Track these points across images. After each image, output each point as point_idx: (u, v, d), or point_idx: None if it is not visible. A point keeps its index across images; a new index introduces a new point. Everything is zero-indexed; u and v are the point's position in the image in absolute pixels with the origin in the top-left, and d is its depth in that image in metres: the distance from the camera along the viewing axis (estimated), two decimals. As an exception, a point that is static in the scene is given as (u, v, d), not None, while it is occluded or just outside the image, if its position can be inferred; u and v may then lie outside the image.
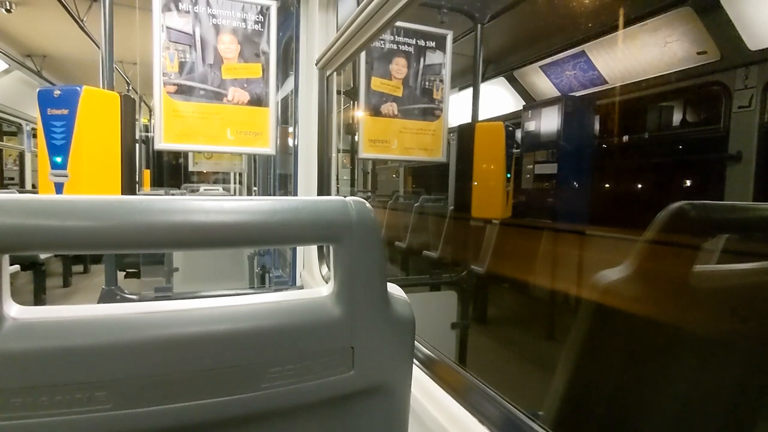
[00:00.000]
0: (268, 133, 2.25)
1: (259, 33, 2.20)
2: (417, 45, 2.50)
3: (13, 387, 0.37)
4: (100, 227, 0.38)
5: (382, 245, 0.51)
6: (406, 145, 2.53)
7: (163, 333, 0.41)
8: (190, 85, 2.11)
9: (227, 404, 0.44)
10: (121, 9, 2.10)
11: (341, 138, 2.72)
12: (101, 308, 0.42)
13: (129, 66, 5.16)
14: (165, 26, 2.06)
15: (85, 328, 0.40)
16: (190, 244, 0.43)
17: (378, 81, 2.44)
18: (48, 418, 0.38)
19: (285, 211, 0.45)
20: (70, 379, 0.39)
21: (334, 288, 0.49)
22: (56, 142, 1.91)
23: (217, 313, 0.44)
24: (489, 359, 3.20)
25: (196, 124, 2.13)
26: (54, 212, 0.37)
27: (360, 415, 0.53)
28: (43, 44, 5.19)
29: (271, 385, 0.45)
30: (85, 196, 0.40)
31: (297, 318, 0.47)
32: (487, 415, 0.88)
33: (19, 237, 0.37)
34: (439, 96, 2.56)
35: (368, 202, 0.51)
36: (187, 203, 0.42)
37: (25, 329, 0.38)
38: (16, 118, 5.71)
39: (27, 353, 0.38)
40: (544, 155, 3.46)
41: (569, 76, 3.70)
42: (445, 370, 1.11)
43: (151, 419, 0.42)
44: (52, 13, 3.82)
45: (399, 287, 0.55)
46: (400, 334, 0.52)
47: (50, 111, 1.90)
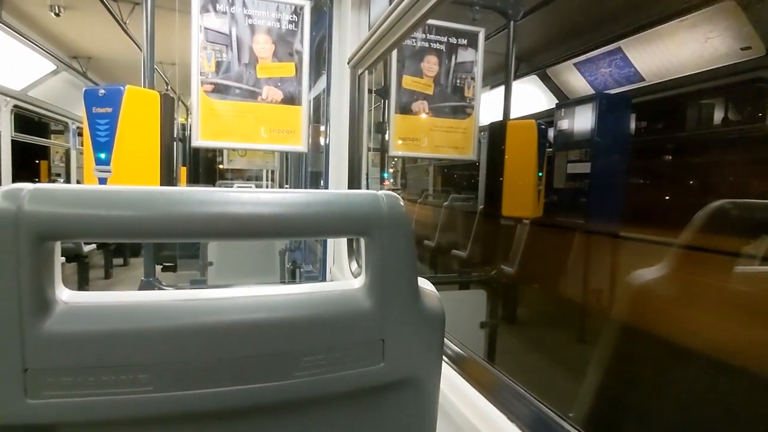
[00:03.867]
0: (301, 131, 2.29)
1: (293, 32, 2.24)
2: (448, 43, 2.49)
3: (64, 366, 0.40)
4: (143, 216, 0.40)
5: (413, 239, 0.51)
6: (436, 143, 2.52)
7: (201, 320, 0.43)
8: (226, 84, 2.17)
9: (261, 391, 0.45)
10: (162, 11, 2.18)
11: (371, 136, 2.73)
12: (143, 295, 0.44)
13: (168, 66, 5.34)
14: (203, 27, 2.12)
15: (128, 313, 0.42)
16: (227, 234, 0.44)
17: (409, 79, 2.45)
18: (95, 397, 0.40)
19: (318, 204, 0.46)
20: (115, 361, 0.41)
21: (365, 280, 0.50)
22: (100, 139, 2.00)
23: (253, 303, 0.46)
24: (518, 359, 3.15)
25: (231, 122, 2.19)
26: (101, 202, 0.40)
27: (389, 408, 0.53)
28: (88, 46, 5.42)
29: (303, 374, 0.46)
30: (129, 187, 0.41)
31: (329, 309, 0.48)
32: (516, 414, 0.88)
33: (69, 225, 0.39)
34: (471, 94, 2.55)
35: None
36: (224, 195, 0.43)
37: (74, 313, 0.41)
38: (63, 117, 5.98)
39: (76, 335, 0.40)
40: (577, 154, 3.38)
41: (604, 74, 3.59)
42: (474, 367, 1.11)
43: (189, 402, 0.43)
44: (97, 16, 3.99)
45: (429, 282, 0.56)
46: (430, 328, 0.52)
47: (95, 109, 2.00)
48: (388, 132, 2.51)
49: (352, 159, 2.08)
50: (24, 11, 4.24)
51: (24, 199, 0.37)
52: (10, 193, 0.38)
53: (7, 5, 3.92)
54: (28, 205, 0.37)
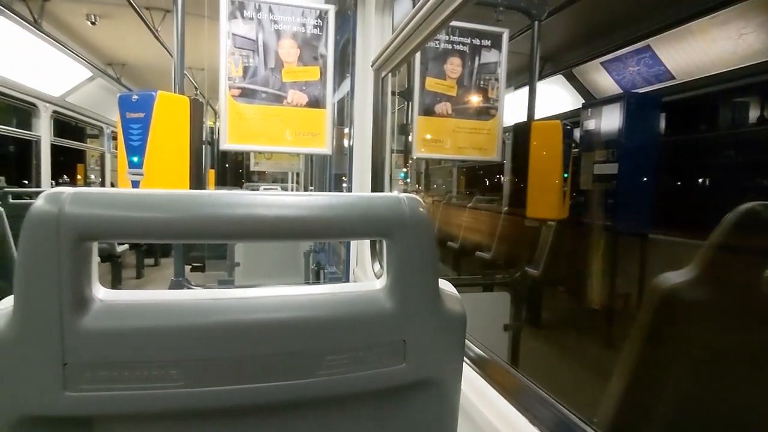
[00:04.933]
0: (325, 133, 2.32)
1: (318, 37, 2.27)
2: (472, 44, 2.48)
3: (100, 361, 0.41)
4: (174, 218, 0.42)
5: (435, 241, 0.51)
6: (459, 145, 2.52)
7: (228, 318, 0.44)
8: (253, 89, 2.22)
9: (286, 388, 0.46)
10: (192, 18, 2.24)
11: (395, 138, 2.74)
12: (174, 294, 0.46)
13: (197, 72, 5.48)
14: (230, 33, 2.18)
15: (160, 311, 0.44)
16: (253, 235, 0.46)
17: (432, 81, 2.45)
18: (129, 391, 0.42)
19: (341, 206, 0.47)
20: (147, 357, 0.42)
21: (387, 282, 0.50)
22: (133, 143, 2.07)
23: (278, 302, 0.47)
24: (542, 363, 3.11)
25: (257, 125, 2.24)
26: (135, 205, 0.41)
27: (410, 408, 0.54)
28: (122, 53, 5.62)
29: (326, 373, 0.47)
30: (162, 190, 0.43)
31: (352, 309, 0.49)
32: (539, 417, 0.87)
33: (105, 227, 0.41)
34: (494, 95, 2.53)
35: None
36: (251, 198, 0.44)
37: (110, 310, 0.43)
38: (98, 122, 6.22)
39: (111, 331, 0.42)
40: (604, 155, 3.31)
41: (632, 72, 3.51)
42: (497, 370, 1.10)
43: (217, 398, 0.45)
44: (130, 24, 4.13)
45: (450, 284, 0.56)
46: (451, 329, 0.52)
47: (129, 114, 2.07)
48: (411, 134, 2.51)
49: (375, 161, 2.10)
50: (63, 20, 4.43)
51: (65, 202, 0.39)
52: (52, 197, 0.40)
53: (47, 15, 4.11)
54: (69, 207, 0.39)
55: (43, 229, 0.39)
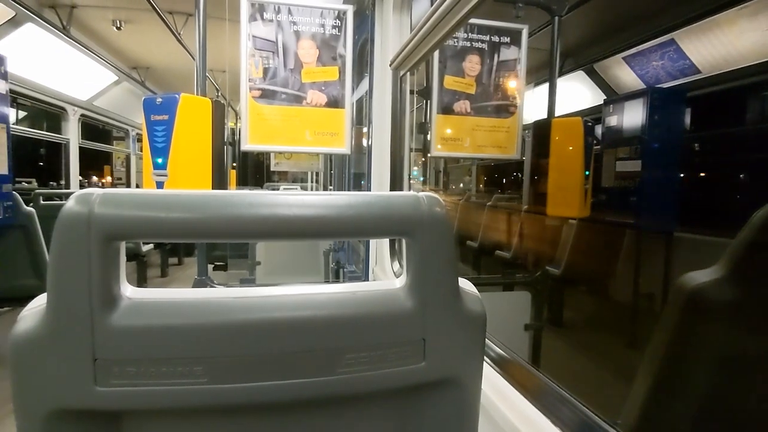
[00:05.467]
0: (344, 133, 2.33)
1: (337, 37, 2.29)
2: (491, 41, 2.46)
3: (128, 357, 0.43)
4: (198, 218, 0.43)
5: (453, 240, 0.51)
6: (478, 143, 2.50)
7: (251, 316, 0.45)
8: (273, 90, 2.24)
9: (307, 386, 0.47)
10: (213, 21, 2.28)
11: (413, 137, 2.74)
12: (198, 292, 0.47)
13: (219, 74, 5.58)
14: (251, 35, 2.21)
15: (185, 309, 0.45)
16: (275, 234, 0.47)
17: (451, 79, 2.44)
18: (155, 387, 0.43)
19: (360, 205, 0.47)
20: (173, 353, 0.43)
21: (406, 281, 0.50)
22: (158, 144, 2.12)
23: (299, 300, 0.48)
24: (563, 363, 3.07)
25: (278, 126, 2.27)
26: (161, 205, 0.42)
27: (430, 406, 0.54)
28: (146, 57, 5.75)
29: (346, 371, 0.48)
30: (186, 191, 0.44)
31: (371, 308, 0.49)
32: (561, 418, 0.86)
33: (133, 226, 0.42)
34: (514, 92, 2.51)
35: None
36: (273, 197, 0.45)
37: (137, 308, 0.44)
38: (124, 125, 6.38)
39: (139, 328, 0.43)
40: (627, 151, 3.24)
41: (656, 67, 3.43)
42: (518, 370, 1.09)
43: (239, 395, 0.45)
44: (154, 28, 4.24)
45: (470, 283, 0.56)
46: (471, 328, 0.52)
47: (153, 117, 2.11)
48: (429, 132, 2.50)
49: (394, 160, 2.10)
50: (89, 26, 4.56)
51: (94, 202, 0.41)
52: (83, 198, 0.41)
53: (75, 22, 4.24)
54: (98, 208, 0.41)
55: (74, 229, 0.40)
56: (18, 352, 0.42)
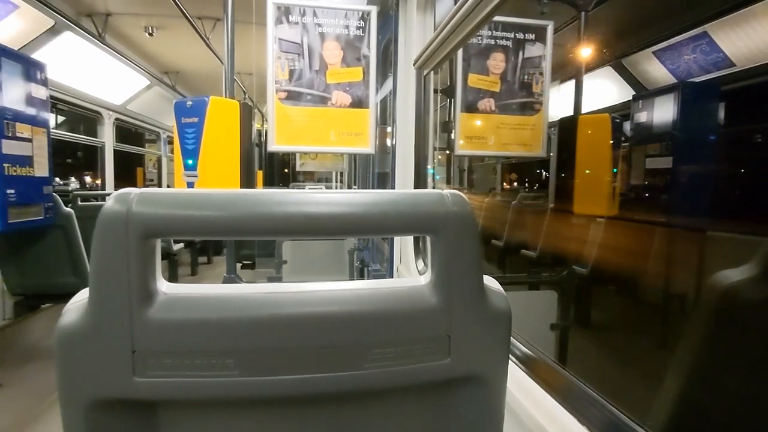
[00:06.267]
0: (368, 133, 2.36)
1: (361, 38, 2.31)
2: (515, 38, 2.44)
3: (164, 350, 0.44)
4: (230, 216, 0.44)
5: (478, 237, 0.52)
6: (503, 141, 2.48)
7: (280, 311, 0.46)
8: (299, 91, 2.28)
9: (334, 380, 0.48)
10: (240, 25, 2.33)
11: (437, 136, 2.74)
12: (229, 288, 0.48)
13: (245, 76, 5.70)
14: (277, 38, 2.25)
15: (217, 304, 0.46)
16: (304, 231, 0.47)
17: (475, 77, 2.43)
18: (189, 378, 0.45)
19: (386, 203, 0.48)
20: (206, 346, 0.45)
21: (431, 278, 0.51)
22: (188, 146, 2.18)
23: (326, 297, 0.49)
24: (591, 363, 3.01)
25: (303, 127, 2.31)
26: (195, 204, 0.44)
27: (456, 403, 0.54)
28: (176, 61, 5.92)
29: (373, 366, 0.48)
30: (218, 190, 0.45)
31: (397, 304, 0.49)
32: (588, 417, 0.85)
33: (168, 224, 0.43)
34: (539, 89, 2.47)
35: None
36: (302, 196, 0.46)
37: (172, 302, 0.45)
38: (155, 128, 6.58)
39: (174, 322, 0.44)
40: (657, 148, 3.15)
41: (688, 61, 3.33)
42: (543, 368, 1.09)
43: (269, 387, 0.47)
44: (184, 34, 4.36)
45: (495, 281, 0.56)
46: (496, 326, 0.52)
47: (184, 119, 2.18)
48: (453, 131, 2.50)
49: (418, 159, 2.11)
50: (123, 33, 4.73)
51: (132, 201, 0.42)
52: (121, 197, 0.43)
53: (110, 29, 4.40)
54: (136, 206, 0.42)
55: (114, 227, 0.42)
56: (62, 344, 0.44)
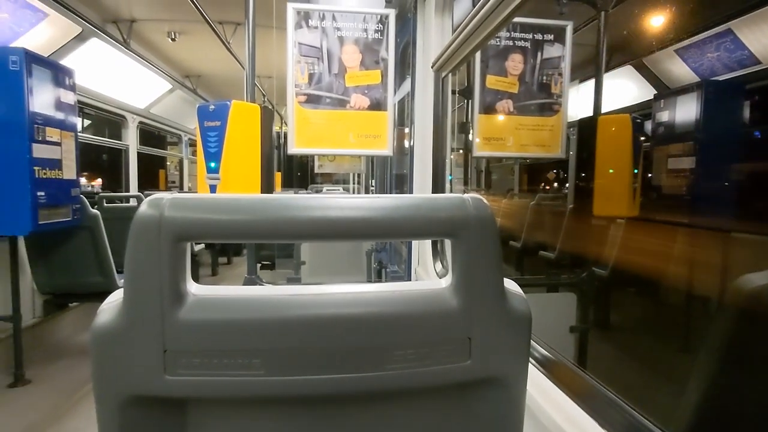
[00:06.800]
0: (387, 135, 2.38)
1: (379, 41, 2.33)
2: (534, 39, 2.43)
3: (194, 349, 0.46)
4: (255, 220, 0.45)
5: (499, 240, 0.52)
6: (522, 142, 2.47)
7: (305, 312, 0.47)
8: (318, 94, 2.32)
9: (357, 380, 0.49)
10: (260, 29, 2.37)
11: (455, 137, 2.74)
12: (255, 289, 0.50)
13: (265, 79, 5.78)
14: (297, 42, 2.29)
15: (244, 305, 0.47)
16: (329, 235, 0.49)
17: (493, 79, 2.42)
18: (217, 377, 0.46)
19: (407, 208, 0.48)
20: (234, 346, 0.46)
21: (452, 280, 0.51)
22: (211, 149, 2.23)
23: (350, 299, 0.50)
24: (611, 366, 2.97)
25: (322, 129, 2.34)
26: (223, 209, 0.45)
27: (476, 404, 0.55)
28: (198, 66, 6.05)
29: (394, 367, 0.49)
30: (245, 195, 0.47)
31: (418, 307, 0.50)
32: (610, 421, 0.85)
33: (198, 228, 0.45)
34: (558, 90, 2.46)
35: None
36: (325, 200, 0.47)
37: (201, 303, 0.47)
38: (177, 131, 6.72)
39: (204, 323, 0.46)
40: (679, 148, 3.09)
41: (711, 59, 3.26)
42: (563, 371, 1.08)
43: (294, 387, 0.48)
44: (205, 38, 4.45)
45: (515, 283, 0.57)
46: (516, 328, 0.53)
47: (206, 123, 2.23)
48: (471, 132, 2.50)
49: (436, 161, 2.11)
50: (147, 39, 4.86)
51: (165, 206, 0.44)
52: (154, 202, 0.44)
53: (134, 34, 4.52)
54: (168, 211, 0.44)
55: (147, 230, 0.44)
56: (97, 343, 0.46)
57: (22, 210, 2.58)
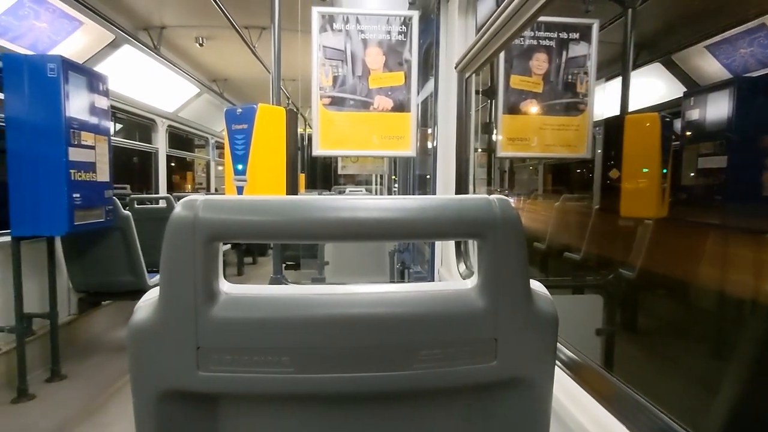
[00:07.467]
0: (410, 136, 2.39)
1: (402, 43, 2.35)
2: (559, 38, 2.39)
3: (226, 346, 0.47)
4: (285, 221, 0.47)
5: (525, 242, 0.52)
6: (546, 142, 2.44)
7: (332, 311, 0.48)
8: (342, 97, 2.35)
9: (383, 379, 0.50)
10: (285, 33, 2.41)
11: (478, 137, 2.73)
12: (284, 288, 0.51)
13: (289, 82, 5.86)
14: (321, 45, 2.32)
15: (274, 303, 0.48)
16: (355, 236, 0.50)
17: (517, 78, 2.40)
18: (248, 374, 0.47)
19: (433, 209, 0.49)
20: (264, 344, 0.47)
21: (478, 281, 0.51)
22: (238, 152, 2.28)
23: (378, 298, 0.51)
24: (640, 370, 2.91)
25: (346, 131, 2.37)
26: (254, 210, 0.47)
27: (502, 406, 0.55)
28: (224, 70, 6.19)
29: (421, 366, 0.49)
30: (275, 197, 0.48)
31: (444, 307, 0.50)
32: (640, 427, 0.84)
33: (230, 229, 0.46)
34: (584, 89, 2.42)
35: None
36: (352, 202, 0.48)
37: (233, 302, 0.48)
38: (204, 134, 6.88)
39: (235, 321, 0.47)
40: (710, 147, 3.00)
41: (744, 55, 3.15)
42: (591, 374, 1.07)
43: (322, 384, 0.49)
44: (232, 43, 4.55)
45: (542, 285, 0.56)
46: (542, 330, 0.53)
47: (234, 126, 2.28)
48: (495, 132, 2.48)
49: (459, 162, 2.11)
50: (176, 44, 5.00)
51: (198, 208, 0.45)
52: (188, 203, 0.45)
53: (164, 41, 4.66)
54: (202, 212, 0.45)
55: (182, 231, 0.45)
56: (134, 339, 0.47)
57: (59, 211, 2.69)
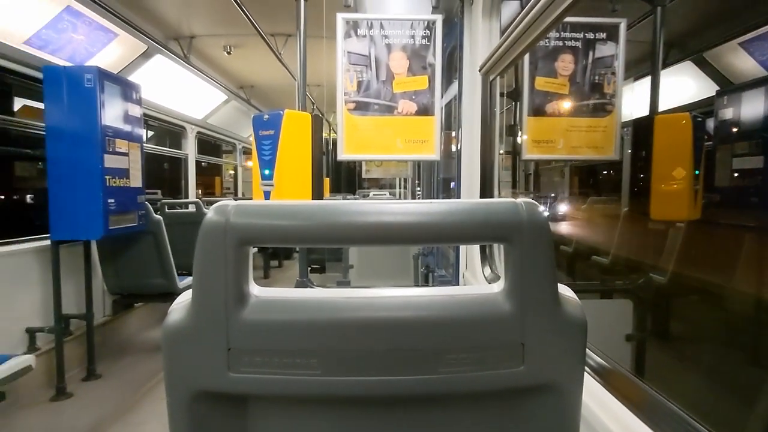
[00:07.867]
0: (434, 140, 2.39)
1: (426, 47, 2.36)
2: (585, 38, 2.36)
3: (256, 348, 0.48)
4: (313, 225, 0.47)
5: (553, 245, 0.51)
6: (573, 144, 2.40)
7: (359, 315, 0.49)
8: (366, 101, 2.37)
9: (410, 382, 0.50)
10: (310, 39, 2.45)
11: (502, 140, 2.71)
12: (312, 292, 0.51)
13: (314, 87, 5.96)
14: (346, 51, 2.35)
15: (303, 306, 0.49)
16: (383, 240, 0.49)
17: (542, 80, 2.38)
18: (277, 375, 0.48)
19: (460, 213, 0.49)
20: (292, 346, 0.48)
21: (504, 285, 0.51)
22: (265, 157, 2.33)
23: (404, 302, 0.51)
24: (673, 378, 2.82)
25: (371, 136, 2.39)
26: (283, 214, 0.48)
27: (530, 411, 0.54)
28: (251, 77, 6.33)
29: (447, 370, 0.50)
30: (303, 202, 0.49)
31: (471, 311, 0.50)
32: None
33: (261, 233, 0.47)
34: (611, 90, 2.37)
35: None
36: (380, 206, 0.48)
37: (263, 304, 0.49)
38: (232, 139, 7.03)
39: (265, 323, 0.48)
40: (745, 147, 2.89)
41: (781, 52, 3.04)
42: (621, 381, 1.05)
43: (349, 387, 0.50)
44: (258, 50, 4.66)
45: (570, 289, 0.55)
46: (570, 334, 0.52)
47: (261, 132, 2.33)
48: (520, 135, 2.46)
49: (484, 165, 2.09)
50: (205, 53, 5.15)
51: (230, 212, 0.46)
52: (220, 208, 0.47)
53: (193, 50, 4.80)
54: (233, 217, 0.46)
55: (215, 235, 0.46)
56: (168, 340, 0.49)
57: (94, 216, 2.79)
